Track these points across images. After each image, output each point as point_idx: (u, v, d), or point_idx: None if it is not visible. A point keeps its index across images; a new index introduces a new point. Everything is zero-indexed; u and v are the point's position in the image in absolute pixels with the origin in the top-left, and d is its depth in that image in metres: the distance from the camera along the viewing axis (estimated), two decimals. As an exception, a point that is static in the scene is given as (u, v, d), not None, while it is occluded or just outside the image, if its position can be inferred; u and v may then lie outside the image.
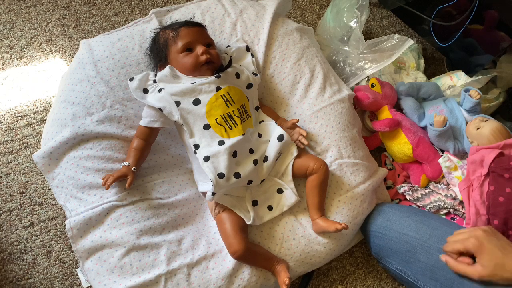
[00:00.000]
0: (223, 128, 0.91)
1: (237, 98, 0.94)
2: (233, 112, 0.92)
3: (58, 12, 1.37)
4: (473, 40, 1.21)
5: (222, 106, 0.91)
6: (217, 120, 0.90)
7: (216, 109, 0.91)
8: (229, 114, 0.92)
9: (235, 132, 0.91)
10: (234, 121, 0.92)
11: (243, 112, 0.94)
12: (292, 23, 1.14)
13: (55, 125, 0.98)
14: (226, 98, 0.92)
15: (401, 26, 1.52)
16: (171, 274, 0.88)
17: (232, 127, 0.91)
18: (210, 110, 0.91)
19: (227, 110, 0.92)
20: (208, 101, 0.91)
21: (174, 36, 0.96)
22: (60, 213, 1.12)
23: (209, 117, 0.91)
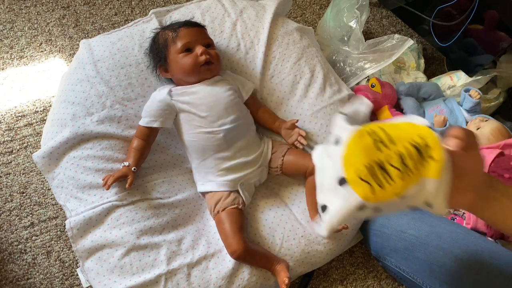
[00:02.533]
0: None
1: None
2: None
3: (58, 12, 1.37)
4: (473, 40, 1.22)
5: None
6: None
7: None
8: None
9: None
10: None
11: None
12: (292, 23, 1.14)
13: (55, 125, 0.98)
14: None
15: (401, 26, 1.52)
16: (171, 274, 0.88)
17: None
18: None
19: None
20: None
21: (173, 36, 0.96)
22: (60, 213, 1.12)
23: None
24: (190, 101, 0.95)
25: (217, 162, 0.96)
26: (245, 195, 0.96)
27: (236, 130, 0.96)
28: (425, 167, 0.48)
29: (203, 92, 0.96)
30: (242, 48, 1.09)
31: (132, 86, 1.02)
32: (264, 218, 0.99)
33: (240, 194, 0.96)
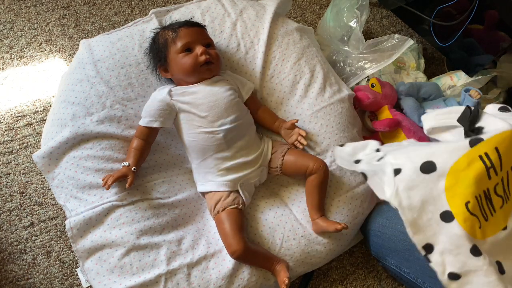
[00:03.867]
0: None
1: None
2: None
3: (58, 12, 1.37)
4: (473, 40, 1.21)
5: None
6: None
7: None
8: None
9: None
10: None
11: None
12: (292, 23, 1.14)
13: (55, 125, 0.98)
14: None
15: (401, 26, 1.52)
16: (171, 274, 0.88)
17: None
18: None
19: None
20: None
21: (173, 36, 0.96)
22: (60, 213, 1.12)
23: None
24: (190, 101, 0.95)
25: (217, 162, 0.96)
26: (245, 195, 0.96)
27: (236, 130, 0.96)
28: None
29: (203, 92, 0.96)
30: (242, 48, 1.09)
31: (132, 86, 1.02)
32: (264, 218, 0.99)
33: (240, 194, 0.96)
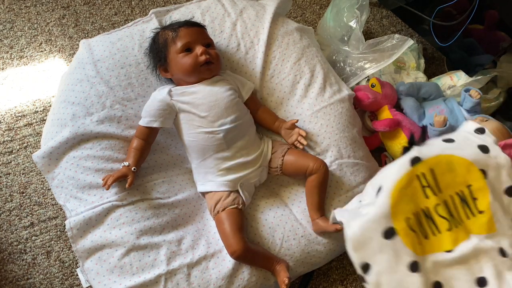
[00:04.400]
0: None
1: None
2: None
3: (58, 12, 1.37)
4: (473, 40, 1.22)
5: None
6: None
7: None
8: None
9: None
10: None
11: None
12: (292, 23, 1.14)
13: (55, 125, 0.98)
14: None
15: (401, 26, 1.52)
16: (171, 274, 0.88)
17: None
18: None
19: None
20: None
21: (173, 36, 0.96)
22: (60, 213, 1.12)
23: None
24: (190, 101, 0.95)
25: (217, 162, 0.95)
26: (245, 195, 0.96)
27: (236, 130, 0.96)
28: (472, 222, 0.44)
29: (203, 92, 0.96)
30: (242, 48, 1.09)
31: (132, 86, 1.02)
32: (264, 218, 0.99)
33: (240, 194, 0.96)
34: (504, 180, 0.46)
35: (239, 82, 1.03)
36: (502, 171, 0.46)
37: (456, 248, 0.43)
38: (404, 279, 0.42)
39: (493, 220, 0.44)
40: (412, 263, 0.43)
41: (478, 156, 0.47)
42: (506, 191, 0.46)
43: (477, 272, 0.42)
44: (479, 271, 0.42)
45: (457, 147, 0.48)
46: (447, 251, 0.44)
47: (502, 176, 0.46)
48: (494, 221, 0.44)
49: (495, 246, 0.43)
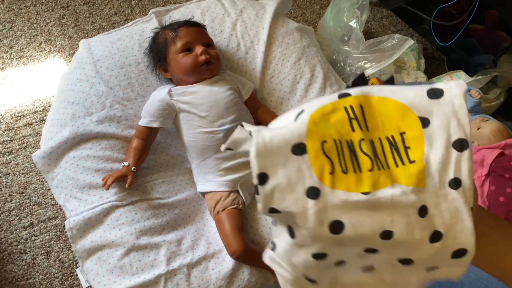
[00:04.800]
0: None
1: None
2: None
3: (58, 11, 1.36)
4: (473, 40, 1.21)
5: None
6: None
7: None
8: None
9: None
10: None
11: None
12: (292, 23, 1.14)
13: (54, 125, 0.98)
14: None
15: (401, 25, 1.51)
16: (171, 274, 0.88)
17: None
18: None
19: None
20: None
21: (173, 36, 0.96)
22: (59, 213, 1.12)
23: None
24: (190, 101, 0.95)
25: (217, 162, 0.95)
26: (245, 195, 0.96)
27: (236, 130, 0.95)
28: (401, 170, 0.36)
29: (202, 92, 0.95)
30: (242, 47, 1.09)
31: (132, 86, 1.02)
32: (264, 218, 0.99)
33: (240, 194, 0.95)
34: (453, 131, 0.37)
35: (239, 82, 1.03)
36: (453, 120, 0.37)
37: (374, 192, 0.35)
38: (297, 202, 0.35)
39: (424, 174, 0.36)
40: (311, 189, 0.35)
41: (421, 102, 0.38)
42: (454, 144, 0.36)
43: (387, 225, 0.35)
44: (389, 224, 0.35)
45: (398, 91, 0.39)
46: (363, 193, 0.35)
47: (451, 126, 0.37)
48: (425, 175, 0.36)
49: (417, 203, 0.35)
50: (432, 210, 0.35)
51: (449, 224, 0.34)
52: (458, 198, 0.34)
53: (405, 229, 0.34)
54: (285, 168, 0.36)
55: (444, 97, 0.38)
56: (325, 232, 0.34)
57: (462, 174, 0.35)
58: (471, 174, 0.35)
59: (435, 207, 0.35)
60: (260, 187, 0.35)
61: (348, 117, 0.38)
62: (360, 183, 0.36)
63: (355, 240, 0.35)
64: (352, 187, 0.36)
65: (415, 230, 0.34)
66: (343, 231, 0.34)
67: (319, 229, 0.34)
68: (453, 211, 0.35)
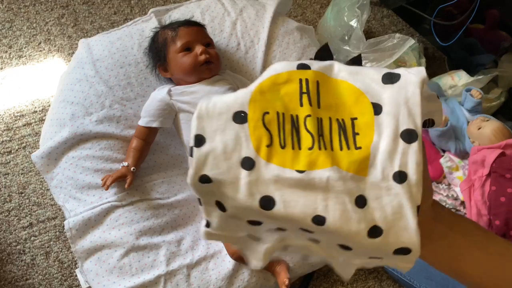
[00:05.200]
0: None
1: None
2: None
3: (57, 11, 1.36)
4: (474, 39, 1.21)
5: None
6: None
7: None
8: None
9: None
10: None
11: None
12: (293, 22, 1.14)
13: (54, 125, 0.97)
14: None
15: (402, 25, 1.51)
16: (171, 275, 0.88)
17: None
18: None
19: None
20: None
21: (173, 35, 0.95)
22: (59, 213, 1.11)
23: None
24: (190, 101, 0.95)
25: (217, 162, 0.95)
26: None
27: (236, 130, 0.95)
28: (344, 154, 0.34)
29: (202, 91, 0.95)
30: (242, 47, 1.08)
31: (131, 85, 1.01)
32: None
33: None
34: (402, 121, 0.33)
35: (239, 82, 1.02)
36: (403, 108, 0.34)
37: (309, 171, 0.33)
38: (230, 171, 0.33)
39: (368, 163, 0.33)
40: (246, 159, 0.34)
41: (375, 87, 0.35)
42: (402, 134, 0.33)
43: (320, 210, 0.32)
44: (323, 210, 0.32)
45: (355, 73, 0.37)
46: (297, 170, 0.33)
47: (400, 115, 0.34)
48: (368, 164, 0.33)
49: (355, 192, 0.32)
50: (372, 202, 0.32)
51: (391, 220, 0.31)
52: (402, 193, 0.31)
53: (339, 218, 0.32)
54: (223, 134, 0.34)
55: (399, 82, 0.35)
56: (254, 206, 0.32)
57: (409, 168, 0.32)
58: (419, 169, 0.32)
59: (376, 200, 0.32)
60: (195, 149, 0.33)
61: (299, 91, 0.36)
62: (297, 160, 0.33)
63: (286, 219, 0.32)
64: (287, 162, 0.33)
65: (350, 221, 0.32)
66: (273, 208, 0.32)
67: (249, 201, 0.32)
68: (396, 206, 0.32)
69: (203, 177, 0.33)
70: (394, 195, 0.32)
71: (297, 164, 0.33)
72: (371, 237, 0.31)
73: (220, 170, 0.33)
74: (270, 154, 0.34)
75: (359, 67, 0.37)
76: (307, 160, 0.33)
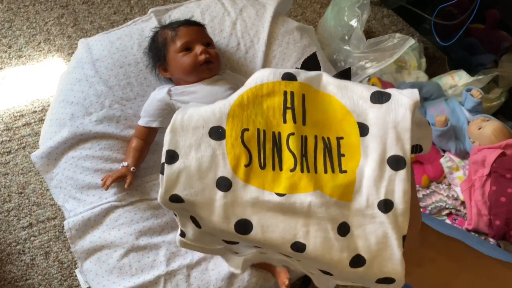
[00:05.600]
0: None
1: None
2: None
3: (57, 11, 1.36)
4: (474, 39, 1.21)
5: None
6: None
7: None
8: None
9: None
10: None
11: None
12: (293, 22, 1.14)
13: (53, 125, 0.97)
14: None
15: (402, 25, 1.51)
16: (171, 275, 0.88)
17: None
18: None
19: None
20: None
21: (172, 35, 0.95)
22: (58, 213, 1.11)
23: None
24: (190, 101, 0.94)
25: (216, 162, 0.95)
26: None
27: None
28: (328, 178, 0.31)
29: (202, 91, 0.95)
30: (242, 47, 1.08)
31: (131, 85, 1.01)
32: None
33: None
34: (390, 145, 0.31)
35: (239, 82, 1.02)
36: (391, 132, 0.31)
37: (290, 195, 0.30)
38: (204, 191, 0.31)
39: (353, 188, 0.31)
40: (223, 179, 0.31)
41: (362, 105, 0.33)
42: (388, 160, 0.31)
43: (300, 236, 0.30)
44: (303, 236, 0.30)
45: (343, 88, 0.34)
46: (277, 193, 0.31)
47: (388, 139, 0.31)
48: (353, 190, 0.31)
49: (338, 219, 0.30)
50: (355, 229, 0.30)
51: (375, 250, 0.30)
52: (387, 222, 0.29)
53: (320, 245, 0.30)
54: (199, 151, 0.31)
55: (388, 103, 0.32)
56: (230, 229, 0.30)
57: (395, 196, 0.30)
58: (406, 197, 0.30)
59: (359, 227, 0.30)
60: (166, 165, 0.31)
61: (283, 105, 0.33)
62: (277, 182, 0.31)
63: (263, 244, 0.31)
64: (267, 185, 0.31)
65: (332, 250, 0.30)
66: (250, 232, 0.30)
67: (224, 225, 0.30)
68: (380, 236, 0.30)
69: (174, 196, 0.30)
70: (379, 223, 0.30)
71: (278, 187, 0.31)
72: (353, 267, 0.30)
73: (193, 190, 0.30)
74: (249, 175, 0.31)
75: (348, 82, 0.34)
76: (288, 182, 0.31)
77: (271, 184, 0.31)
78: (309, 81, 0.34)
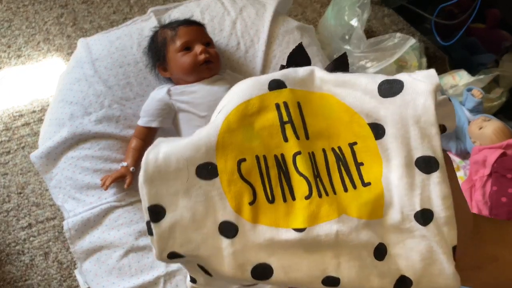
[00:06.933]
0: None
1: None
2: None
3: (56, 10, 1.35)
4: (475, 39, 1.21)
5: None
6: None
7: None
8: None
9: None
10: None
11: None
12: (293, 22, 1.13)
13: (53, 124, 0.97)
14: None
15: (403, 24, 1.50)
16: (170, 276, 0.88)
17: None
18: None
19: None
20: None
21: (172, 35, 0.95)
22: (58, 214, 1.11)
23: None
24: (189, 101, 0.94)
25: (216, 163, 0.94)
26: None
27: (236, 130, 0.95)
28: (351, 196, 0.26)
29: (202, 91, 0.95)
30: (242, 47, 1.08)
31: (131, 85, 1.01)
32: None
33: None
34: (415, 145, 0.25)
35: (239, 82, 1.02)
36: (413, 129, 0.25)
37: (311, 228, 0.25)
38: (206, 242, 0.26)
39: (383, 201, 0.26)
40: (226, 224, 0.26)
41: (371, 102, 0.27)
42: (417, 163, 0.25)
43: (331, 270, 0.25)
44: (335, 269, 0.26)
45: (343, 84, 0.28)
46: (295, 229, 0.26)
47: (411, 138, 0.25)
48: (383, 203, 0.26)
49: (373, 241, 0.26)
50: (393, 248, 0.26)
51: (420, 267, 0.25)
52: (429, 236, 0.25)
53: (356, 276, 0.26)
54: (188, 198, 0.26)
55: (402, 94, 0.26)
56: (247, 277, 0.25)
57: (433, 204, 0.25)
58: (447, 203, 0.25)
59: (397, 245, 0.26)
60: (153, 225, 0.25)
61: (279, 121, 0.27)
62: (292, 216, 0.26)
63: (289, 283, 0.26)
64: (280, 221, 0.26)
65: (371, 277, 0.26)
66: (271, 277, 0.25)
67: (239, 274, 0.25)
68: (424, 251, 0.25)
69: (172, 254, 0.26)
70: (419, 237, 0.25)
71: (294, 221, 0.26)
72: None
73: (193, 244, 0.25)
74: (256, 213, 0.26)
75: (347, 75, 0.28)
76: (306, 213, 0.26)
77: (285, 218, 0.26)
78: (300, 84, 0.28)
